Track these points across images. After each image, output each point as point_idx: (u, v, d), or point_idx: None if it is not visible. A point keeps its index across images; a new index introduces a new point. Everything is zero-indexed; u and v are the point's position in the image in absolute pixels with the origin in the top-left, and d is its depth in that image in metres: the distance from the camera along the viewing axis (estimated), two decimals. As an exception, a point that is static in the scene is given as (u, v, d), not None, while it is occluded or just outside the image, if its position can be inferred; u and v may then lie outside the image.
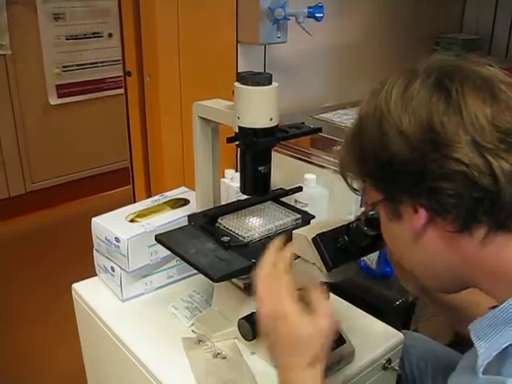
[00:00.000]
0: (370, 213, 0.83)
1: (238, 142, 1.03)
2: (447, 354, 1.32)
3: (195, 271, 1.34)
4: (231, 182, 1.63)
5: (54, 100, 3.43)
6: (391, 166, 0.70)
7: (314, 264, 0.94)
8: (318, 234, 0.89)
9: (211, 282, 1.19)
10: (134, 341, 1.17)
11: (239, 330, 1.07)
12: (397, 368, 1.20)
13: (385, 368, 1.17)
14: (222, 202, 1.28)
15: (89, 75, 3.55)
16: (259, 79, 0.99)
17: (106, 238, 1.26)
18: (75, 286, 1.37)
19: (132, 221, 1.32)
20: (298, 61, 1.83)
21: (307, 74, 1.86)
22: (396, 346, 1.19)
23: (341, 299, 1.26)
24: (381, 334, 1.21)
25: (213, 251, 1.04)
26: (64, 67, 3.43)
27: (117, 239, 1.22)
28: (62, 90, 3.45)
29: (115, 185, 3.63)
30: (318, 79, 1.92)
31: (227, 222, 1.12)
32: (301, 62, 1.84)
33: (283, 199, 1.25)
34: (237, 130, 1.03)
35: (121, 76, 3.52)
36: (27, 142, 3.41)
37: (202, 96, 1.53)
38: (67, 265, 2.97)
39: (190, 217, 1.18)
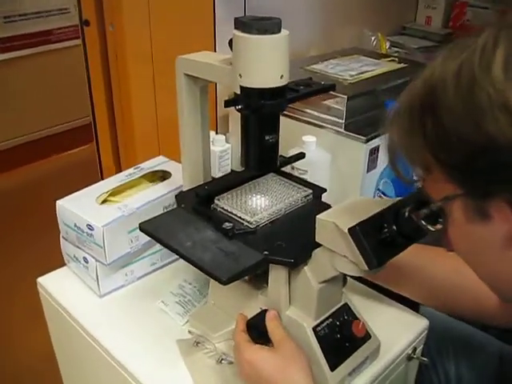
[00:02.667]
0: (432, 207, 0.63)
1: (239, 106, 0.82)
2: (467, 332, 1.19)
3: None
4: (212, 146, 1.42)
5: (-4, 55, 3.11)
6: (485, 153, 0.51)
7: (344, 257, 0.76)
8: (357, 224, 0.70)
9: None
10: (117, 345, 0.98)
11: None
12: (424, 359, 1.04)
13: (409, 358, 1.03)
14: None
15: (34, 26, 3.21)
16: (267, 26, 0.78)
17: (75, 225, 1.05)
18: (41, 280, 1.16)
19: (105, 201, 1.10)
20: (278, 6, 1.61)
21: (289, 19, 1.63)
22: (421, 333, 1.05)
23: (357, 284, 1.09)
24: (404, 321, 1.06)
25: (214, 242, 0.85)
26: (5, 18, 3.09)
27: (89, 227, 1.01)
28: (5, 44, 3.12)
29: (69, 145, 3.39)
30: (301, 25, 1.71)
31: (226, 203, 0.92)
32: (281, 7, 1.61)
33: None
34: (237, 91, 0.82)
35: (69, 27, 3.31)
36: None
37: (175, 46, 1.31)
38: (27, 237, 2.76)
39: (179, 197, 0.98)
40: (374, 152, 1.25)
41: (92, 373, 1.12)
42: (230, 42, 0.83)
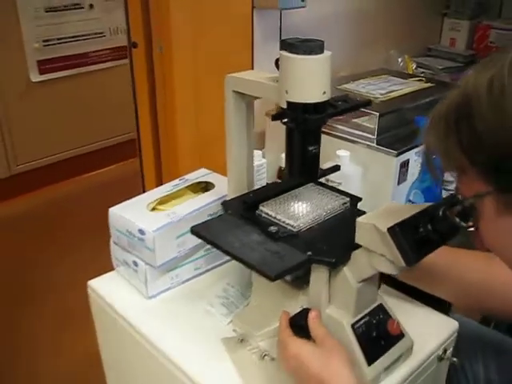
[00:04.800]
0: (465, 203, 0.70)
1: (286, 120, 0.90)
2: (495, 337, 1.24)
3: (222, 261, 1.25)
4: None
5: (35, 77, 3.24)
6: None
7: (382, 256, 0.83)
8: (396, 224, 0.77)
9: (251, 275, 1.10)
10: (167, 343, 1.05)
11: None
12: (454, 359, 1.10)
13: (440, 359, 1.08)
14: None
15: (71, 49, 3.35)
16: (312, 47, 0.86)
17: (127, 231, 1.13)
18: (91, 283, 1.24)
19: (153, 209, 1.19)
20: (311, 28, 1.70)
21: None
22: (451, 334, 1.10)
23: (390, 288, 1.15)
24: (435, 323, 1.12)
25: (260, 244, 0.92)
26: (44, 41, 3.23)
27: (141, 231, 1.09)
28: (44, 66, 3.25)
29: (104, 163, 3.50)
30: (332, 47, 1.78)
31: (270, 209, 1.00)
32: (313, 29, 1.71)
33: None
34: (284, 106, 0.90)
35: (104, 49, 3.45)
36: (10, 122, 3.22)
37: (217, 67, 1.41)
38: (74, 242, 2.87)
39: (226, 204, 1.05)
40: (404, 165, 1.32)
41: (140, 372, 1.19)
42: (277, 62, 0.91)
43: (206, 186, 1.30)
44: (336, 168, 1.14)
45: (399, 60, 2.07)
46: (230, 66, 1.41)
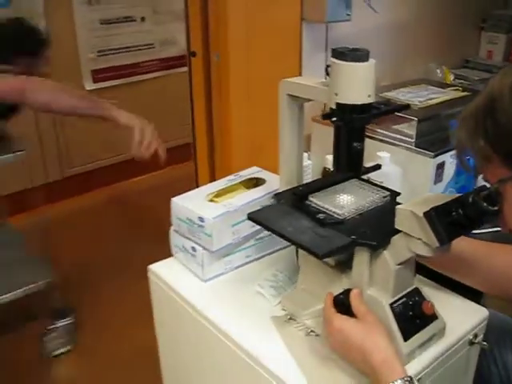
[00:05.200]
0: (491, 188, 0.82)
1: (334, 119, 1.02)
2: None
3: (271, 251, 1.37)
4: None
5: (89, 85, 3.43)
6: None
7: (419, 239, 0.94)
8: (431, 209, 0.89)
9: (295, 261, 1.22)
10: (223, 320, 1.17)
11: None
12: (484, 343, 1.20)
13: (471, 343, 1.17)
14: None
15: (123, 60, 3.54)
16: (359, 55, 0.99)
17: (187, 218, 1.26)
18: (152, 267, 1.37)
19: (211, 201, 1.32)
20: (355, 39, 1.81)
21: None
22: (481, 321, 1.19)
23: (424, 279, 1.25)
24: (466, 310, 1.20)
25: (310, 228, 1.04)
26: (99, 52, 3.43)
27: (201, 219, 1.22)
28: (98, 75, 3.45)
29: (148, 168, 3.66)
30: (373, 58, 1.91)
31: (318, 200, 1.12)
32: (357, 40, 1.81)
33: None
34: (333, 106, 1.02)
35: (154, 60, 3.62)
36: (64, 127, 3.41)
37: (268, 74, 1.54)
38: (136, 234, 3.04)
39: (278, 195, 1.18)
40: (440, 166, 1.43)
41: (197, 349, 1.31)
42: (327, 68, 1.04)
43: (256, 182, 1.42)
44: (377, 167, 1.25)
45: (438, 71, 2.17)
46: (279, 73, 1.54)
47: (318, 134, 1.55)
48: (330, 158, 1.50)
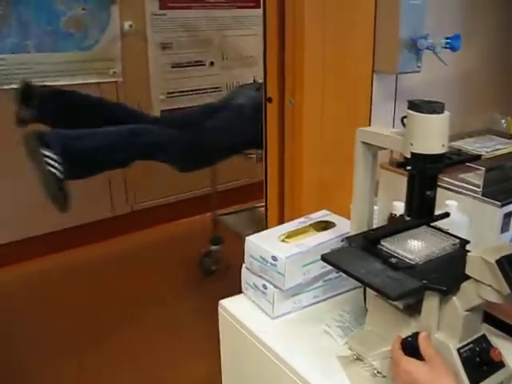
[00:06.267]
0: None
1: (409, 167, 1.07)
2: None
3: (337, 292, 1.41)
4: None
5: (158, 125, 3.58)
6: None
7: (489, 286, 0.97)
8: (503, 257, 0.92)
9: (362, 303, 1.26)
10: (291, 356, 1.22)
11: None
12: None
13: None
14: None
15: (191, 101, 3.69)
16: (435, 107, 1.04)
17: (260, 257, 1.32)
18: (223, 302, 1.43)
19: (283, 241, 1.38)
20: (422, 90, 1.87)
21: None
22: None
23: (490, 327, 1.27)
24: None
25: (382, 271, 1.08)
26: (168, 93, 3.59)
27: (274, 258, 1.28)
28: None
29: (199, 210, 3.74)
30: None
31: (390, 245, 1.16)
32: (424, 91, 1.87)
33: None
34: (408, 156, 1.07)
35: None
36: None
37: (341, 122, 1.61)
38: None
39: (350, 238, 1.23)
40: (507, 216, 1.45)
41: (263, 383, 1.36)
42: (403, 119, 1.09)
43: (325, 225, 1.47)
44: (446, 215, 1.29)
45: (503, 122, 2.19)
46: (350, 120, 1.62)
47: (386, 181, 1.60)
48: (397, 204, 1.55)
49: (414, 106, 1.05)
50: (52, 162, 2.11)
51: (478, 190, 1.49)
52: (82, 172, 2.31)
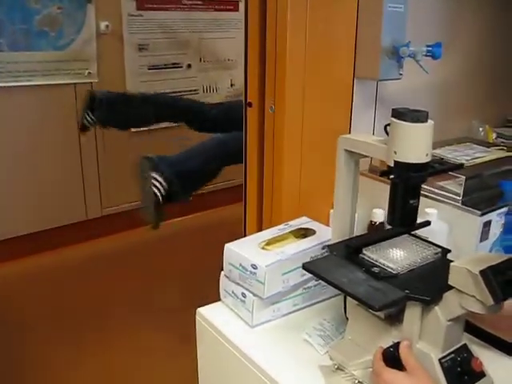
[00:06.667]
0: None
1: (392, 176, 1.06)
2: None
3: (317, 300, 1.40)
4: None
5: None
6: None
7: (472, 296, 0.96)
8: (488, 267, 0.91)
9: (342, 312, 1.24)
10: (270, 366, 1.20)
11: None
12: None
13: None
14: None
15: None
16: (419, 116, 1.03)
17: (240, 265, 1.30)
18: (200, 310, 1.41)
19: (262, 249, 1.36)
20: (402, 97, 1.87)
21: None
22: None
23: (470, 336, 1.26)
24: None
25: (364, 281, 1.07)
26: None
27: (254, 266, 1.26)
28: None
29: (190, 210, 3.73)
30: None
31: (372, 254, 1.15)
32: (404, 98, 1.87)
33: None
34: (391, 164, 1.06)
35: (197, 106, 3.72)
36: (106, 167, 3.52)
37: (319, 127, 1.60)
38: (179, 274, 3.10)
39: (331, 247, 1.21)
40: (487, 224, 1.45)
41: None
42: (386, 127, 1.08)
43: (305, 233, 1.46)
44: (427, 223, 1.29)
45: (480, 129, 2.21)
46: (330, 126, 1.61)
47: (365, 188, 1.58)
48: (377, 211, 1.55)
49: (398, 114, 1.04)
50: (158, 185, 2.34)
51: (457, 198, 1.49)
52: (191, 189, 2.55)
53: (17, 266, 3.27)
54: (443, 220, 1.49)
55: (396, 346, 1.07)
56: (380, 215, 1.57)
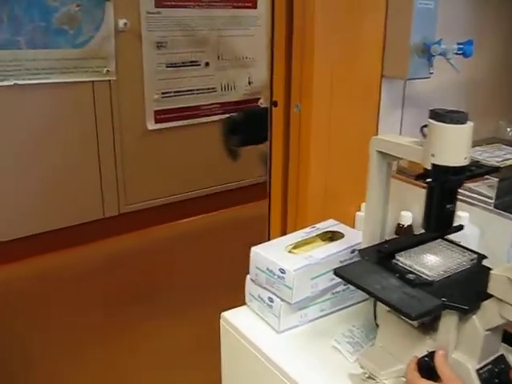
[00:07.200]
0: None
1: (429, 180, 1.02)
2: None
3: (345, 305, 1.36)
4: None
5: (151, 125, 3.52)
6: None
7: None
8: (531, 276, 0.87)
9: (377, 319, 1.20)
10: (298, 373, 1.16)
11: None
12: None
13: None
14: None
15: (185, 102, 3.63)
16: (458, 118, 0.99)
17: (267, 269, 1.27)
18: (225, 314, 1.38)
19: (289, 252, 1.32)
20: (430, 96, 1.82)
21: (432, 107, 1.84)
22: None
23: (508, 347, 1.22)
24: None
25: (399, 288, 1.03)
26: (163, 93, 3.52)
27: (282, 270, 1.23)
28: (160, 116, 3.53)
29: (204, 209, 3.71)
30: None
31: (406, 259, 1.11)
32: (432, 97, 1.83)
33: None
34: (428, 167, 1.02)
35: (214, 103, 3.70)
36: (124, 164, 3.50)
37: (348, 128, 1.56)
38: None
39: (362, 252, 1.18)
40: (521, 229, 1.41)
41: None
42: (422, 128, 1.04)
43: (332, 236, 1.42)
44: (460, 227, 1.24)
45: (508, 130, 2.16)
46: (356, 127, 1.57)
47: (392, 190, 1.55)
48: (405, 214, 1.50)
49: (437, 115, 1.00)
50: None
51: (490, 201, 1.45)
52: None
53: (33, 264, 3.26)
54: (474, 224, 1.45)
55: (431, 355, 1.04)
56: (408, 218, 1.53)
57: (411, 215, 1.54)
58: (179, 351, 2.61)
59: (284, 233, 1.63)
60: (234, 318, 1.36)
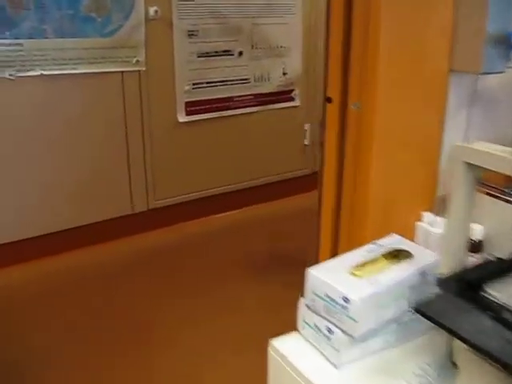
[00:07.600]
0: None
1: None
2: None
3: (412, 336, 1.18)
4: (432, 228, 1.44)
5: (182, 117, 3.36)
6: None
7: None
8: None
9: (447, 355, 1.03)
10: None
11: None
12: None
13: None
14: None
15: (217, 93, 3.46)
16: None
17: (326, 295, 1.09)
18: (274, 342, 1.21)
19: (352, 274, 1.15)
20: (501, 93, 1.63)
21: (505, 106, 1.64)
22: None
23: None
24: None
25: (495, 331, 0.86)
26: (194, 84, 3.36)
27: (345, 299, 1.05)
28: (191, 108, 3.38)
29: (238, 204, 3.56)
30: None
31: (498, 293, 0.93)
32: (504, 94, 1.63)
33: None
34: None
35: (248, 95, 3.53)
36: (154, 159, 3.35)
37: (409, 127, 1.38)
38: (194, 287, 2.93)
39: (443, 282, 1.00)
40: None
41: None
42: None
43: (397, 254, 1.24)
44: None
45: None
46: (419, 128, 1.39)
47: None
48: (476, 227, 1.32)
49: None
50: None
51: None
52: None
53: (62, 260, 3.15)
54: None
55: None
56: (479, 232, 1.35)
57: (482, 228, 1.36)
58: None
59: (335, 247, 1.46)
60: (284, 347, 1.20)
